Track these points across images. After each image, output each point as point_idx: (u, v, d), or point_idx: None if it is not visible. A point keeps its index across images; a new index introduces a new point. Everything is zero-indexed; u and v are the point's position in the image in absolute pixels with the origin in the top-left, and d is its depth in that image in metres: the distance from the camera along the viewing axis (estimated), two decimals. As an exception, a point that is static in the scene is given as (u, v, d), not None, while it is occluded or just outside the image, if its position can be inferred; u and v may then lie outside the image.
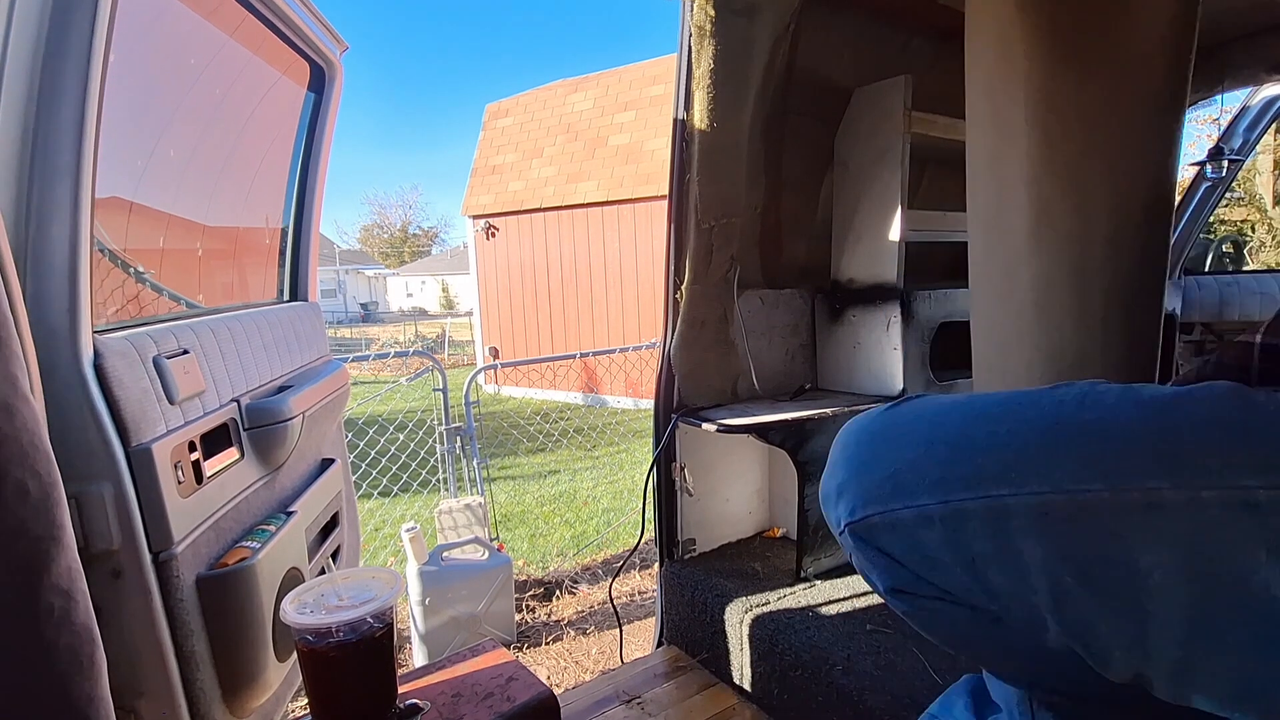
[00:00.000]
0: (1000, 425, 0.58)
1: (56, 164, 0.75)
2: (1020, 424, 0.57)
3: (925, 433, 0.63)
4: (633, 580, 2.82)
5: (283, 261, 1.51)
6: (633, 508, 4.00)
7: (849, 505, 0.65)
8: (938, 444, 0.61)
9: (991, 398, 0.62)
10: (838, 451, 0.69)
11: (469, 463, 3.12)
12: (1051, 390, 0.58)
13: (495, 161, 9.28)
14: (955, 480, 0.57)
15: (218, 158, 1.25)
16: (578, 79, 8.74)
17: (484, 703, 0.85)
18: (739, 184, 1.60)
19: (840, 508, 0.66)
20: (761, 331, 1.79)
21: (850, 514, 0.64)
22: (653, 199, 7.50)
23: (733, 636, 1.43)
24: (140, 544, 0.81)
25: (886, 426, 0.67)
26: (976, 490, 0.55)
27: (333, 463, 1.41)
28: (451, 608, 2.15)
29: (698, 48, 1.45)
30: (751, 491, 1.88)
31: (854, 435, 0.69)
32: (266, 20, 1.22)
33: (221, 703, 0.94)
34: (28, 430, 0.48)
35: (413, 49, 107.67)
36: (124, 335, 0.86)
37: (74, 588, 0.51)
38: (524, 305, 9.22)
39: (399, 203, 52.55)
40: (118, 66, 0.82)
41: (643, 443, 5.54)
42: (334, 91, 1.48)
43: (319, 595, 0.78)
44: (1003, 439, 0.57)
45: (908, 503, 0.59)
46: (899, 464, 0.62)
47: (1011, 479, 0.54)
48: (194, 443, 0.92)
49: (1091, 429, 0.53)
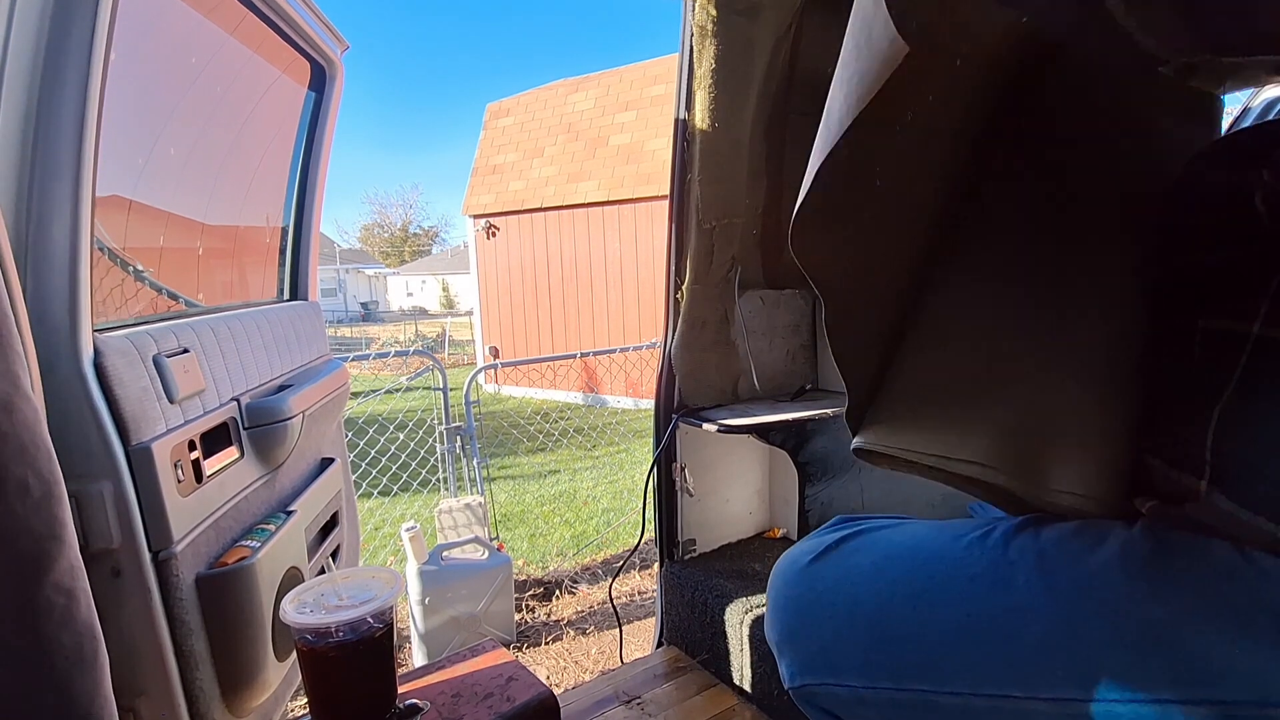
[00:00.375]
0: (915, 613, 0.58)
1: (57, 162, 0.75)
2: (933, 611, 0.56)
3: (845, 608, 0.63)
4: (633, 580, 2.82)
5: (283, 260, 1.50)
6: (633, 508, 4.00)
7: (789, 669, 0.66)
8: (859, 624, 0.61)
9: (907, 562, 0.61)
10: (771, 601, 0.71)
11: (469, 462, 3.12)
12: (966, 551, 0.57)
13: (496, 161, 9.28)
14: (879, 668, 0.58)
15: (218, 156, 1.25)
16: (579, 78, 8.74)
17: (484, 703, 0.85)
18: (740, 184, 1.60)
19: (782, 666, 0.67)
20: (762, 332, 1.79)
21: (791, 679, 0.66)
22: (653, 199, 7.50)
23: (733, 637, 1.42)
24: (140, 543, 0.81)
25: (809, 591, 0.67)
26: (901, 682, 0.56)
27: (332, 462, 1.40)
28: (451, 607, 2.15)
29: (699, 47, 1.45)
30: (752, 492, 1.88)
31: (783, 592, 0.70)
32: (267, 19, 1.22)
33: (221, 702, 0.94)
34: (28, 428, 0.48)
35: (413, 48, 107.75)
36: (124, 334, 0.86)
37: (76, 586, 0.51)
38: (524, 305, 9.21)
39: (399, 202, 52.62)
40: (118, 65, 0.82)
41: (643, 443, 5.54)
42: (335, 90, 1.48)
43: (319, 595, 0.78)
44: (917, 632, 0.57)
45: (841, 681, 0.61)
46: (827, 637, 0.63)
47: (932, 676, 0.55)
48: (194, 441, 0.92)
49: (1002, 622, 0.51)
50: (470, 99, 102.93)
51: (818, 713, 0.65)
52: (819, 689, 0.63)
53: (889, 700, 0.57)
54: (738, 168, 1.57)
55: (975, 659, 0.52)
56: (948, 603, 0.55)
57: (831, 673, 0.62)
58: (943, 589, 0.56)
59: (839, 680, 0.61)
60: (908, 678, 0.56)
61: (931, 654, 0.55)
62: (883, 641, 0.58)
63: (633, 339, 7.76)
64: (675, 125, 1.52)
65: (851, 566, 0.65)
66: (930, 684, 0.54)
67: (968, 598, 0.54)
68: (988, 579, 0.54)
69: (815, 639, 0.64)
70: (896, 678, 0.56)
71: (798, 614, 0.67)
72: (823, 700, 0.64)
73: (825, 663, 0.62)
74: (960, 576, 0.56)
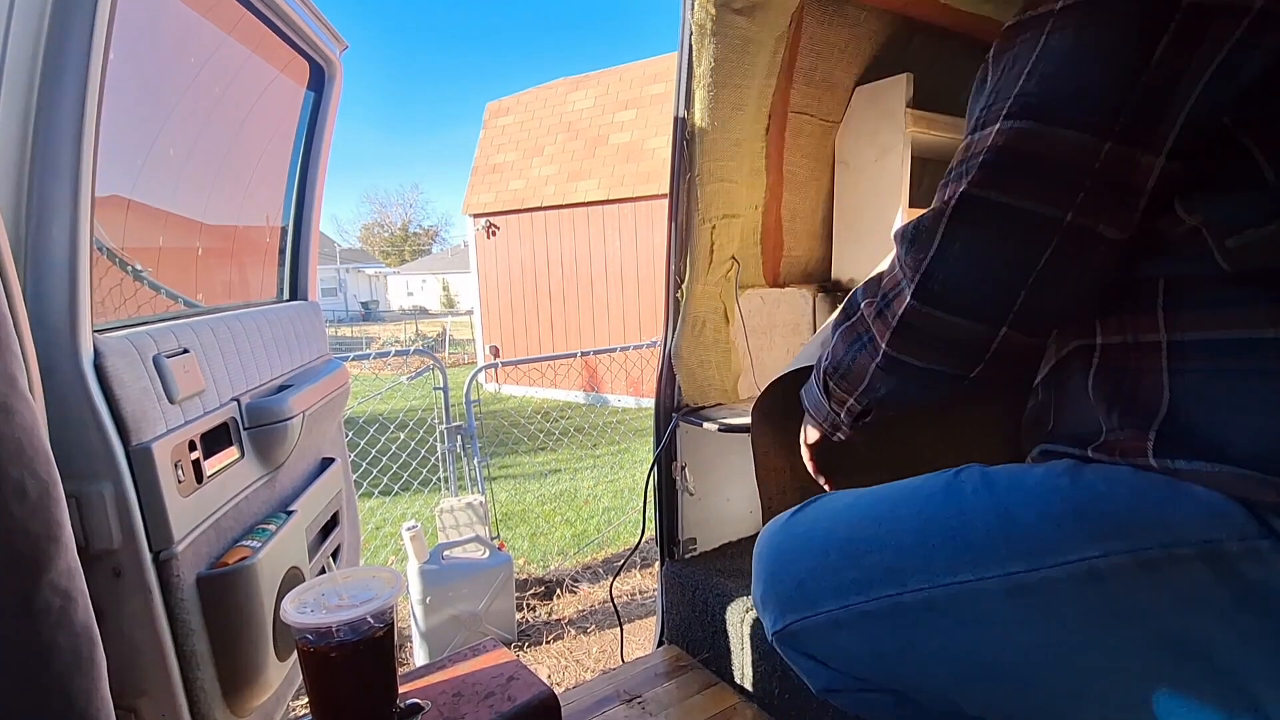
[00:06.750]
0: (880, 526, 0.65)
1: (56, 162, 0.75)
2: (896, 523, 0.64)
3: (821, 540, 0.69)
4: (633, 579, 2.82)
5: (283, 260, 1.50)
6: (633, 507, 4.00)
7: (771, 617, 0.71)
8: (832, 550, 0.67)
9: (876, 495, 0.68)
10: (755, 564, 0.76)
11: (470, 461, 3.12)
12: (924, 481, 0.65)
13: (496, 160, 9.27)
14: (850, 584, 0.64)
15: (217, 156, 1.25)
16: (578, 77, 8.73)
17: (485, 702, 0.85)
18: (740, 182, 1.60)
19: (766, 619, 0.72)
20: (763, 330, 1.79)
21: (774, 624, 0.71)
22: (653, 197, 7.50)
23: (734, 636, 1.42)
24: (140, 543, 0.81)
25: (789, 537, 0.73)
26: (869, 593, 0.62)
27: (333, 462, 1.40)
28: (452, 606, 2.15)
29: (698, 46, 1.44)
30: (752, 491, 1.87)
31: (765, 547, 0.76)
32: (266, 19, 1.21)
33: (222, 702, 0.94)
34: (26, 430, 0.48)
35: (413, 47, 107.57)
36: (124, 334, 0.86)
37: (73, 587, 0.51)
38: (524, 304, 9.21)
39: (399, 201, 52.67)
40: (117, 65, 0.82)
41: (643, 442, 5.54)
42: (334, 90, 1.48)
43: (319, 594, 0.78)
44: (882, 540, 0.63)
45: (816, 609, 0.66)
46: (803, 572, 0.69)
47: (896, 579, 0.61)
48: (194, 442, 0.92)
49: (954, 522, 0.59)
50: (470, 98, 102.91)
51: (797, 655, 0.71)
52: (797, 626, 0.68)
53: (860, 614, 0.63)
54: (738, 166, 1.57)
55: (933, 555, 0.59)
56: (908, 516, 0.63)
57: (808, 604, 0.67)
58: (905, 506, 0.64)
59: (815, 609, 0.66)
60: (876, 585, 0.62)
61: (895, 560, 0.61)
62: (853, 557, 0.65)
63: (633, 337, 7.75)
64: (675, 124, 1.52)
65: (825, 509, 0.72)
66: (895, 587, 0.60)
67: (925, 510, 0.62)
68: (941, 495, 0.62)
69: (793, 576, 0.69)
70: (865, 589, 0.62)
71: (777, 558, 0.72)
72: (801, 638, 0.69)
73: (802, 597, 0.68)
74: (918, 496, 0.64)
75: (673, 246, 1.56)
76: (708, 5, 1.39)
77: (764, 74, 1.54)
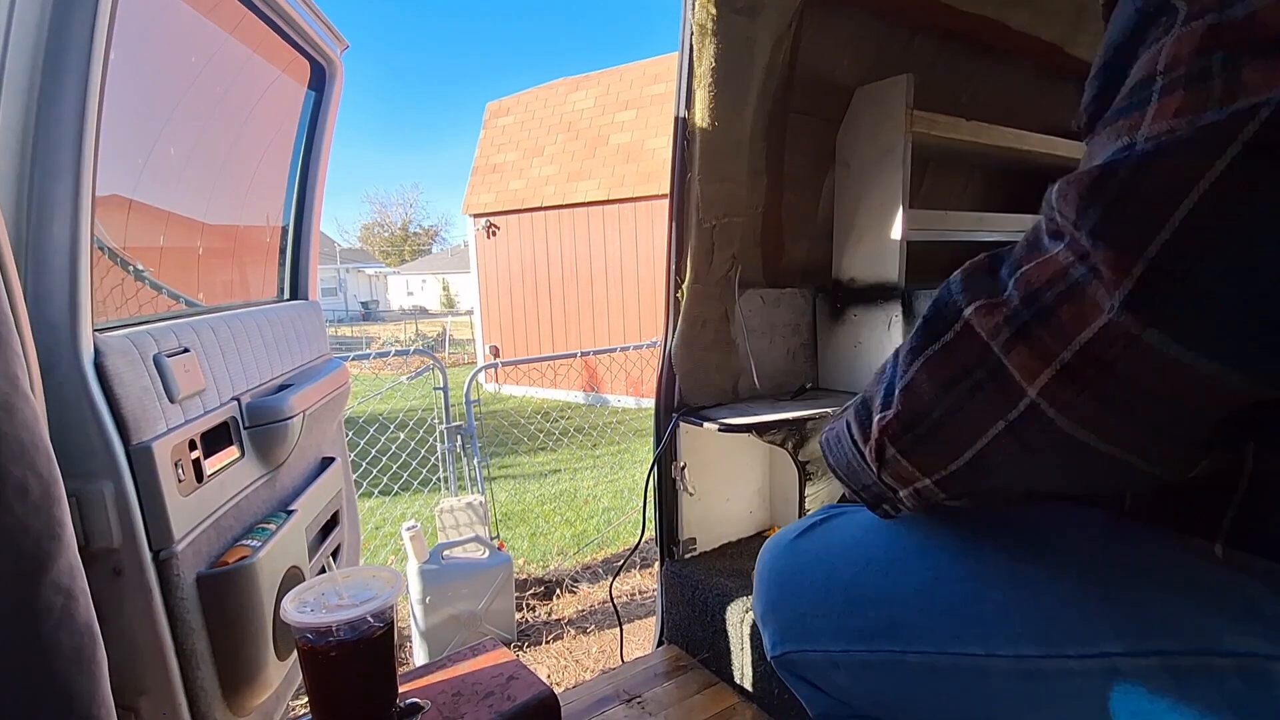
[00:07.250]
0: (886, 579, 0.61)
1: (57, 162, 0.75)
2: (903, 577, 0.60)
3: (823, 578, 0.66)
4: (633, 579, 2.82)
5: (283, 260, 1.50)
6: (633, 506, 4.00)
7: (771, 639, 0.70)
8: (835, 591, 0.64)
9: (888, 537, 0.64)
10: (758, 578, 0.74)
11: (470, 461, 3.12)
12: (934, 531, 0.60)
13: (496, 160, 9.28)
14: (851, 631, 0.62)
15: (218, 156, 1.25)
16: (579, 77, 8.73)
17: (484, 702, 0.85)
18: (740, 183, 1.60)
19: (766, 636, 0.71)
20: (762, 331, 1.79)
21: (773, 648, 0.69)
22: (654, 198, 7.50)
23: (733, 636, 1.42)
24: (141, 542, 0.81)
25: (794, 561, 0.71)
26: (871, 644, 0.60)
27: (333, 461, 1.40)
28: (452, 606, 2.15)
29: (699, 46, 1.44)
30: (752, 491, 1.88)
31: (769, 563, 0.74)
32: (267, 18, 1.22)
33: (222, 701, 0.94)
34: (27, 428, 0.48)
35: (414, 47, 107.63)
36: (124, 333, 0.86)
37: (74, 586, 0.51)
38: (525, 304, 9.21)
39: (400, 201, 52.66)
40: (118, 64, 0.82)
41: (644, 442, 5.54)
42: (334, 90, 1.48)
43: (319, 594, 0.78)
44: (889, 592, 0.60)
45: (815, 646, 0.65)
46: (805, 605, 0.67)
47: (900, 637, 0.58)
48: (194, 441, 0.92)
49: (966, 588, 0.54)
50: (471, 97, 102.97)
51: (795, 680, 0.69)
52: (796, 656, 0.67)
53: (860, 662, 0.60)
54: (738, 166, 1.57)
55: (940, 620, 0.54)
56: (917, 569, 0.58)
57: (808, 639, 0.65)
58: (914, 556, 0.59)
59: (814, 646, 0.64)
60: (878, 639, 0.58)
61: (900, 616, 0.57)
62: (855, 605, 0.61)
63: (633, 338, 7.75)
64: (675, 124, 1.52)
65: (832, 540, 0.69)
66: (898, 645, 0.57)
67: (936, 564, 0.57)
68: (955, 548, 0.56)
69: (794, 608, 0.67)
70: (867, 639, 0.59)
71: (780, 585, 0.70)
72: (800, 667, 0.67)
73: (802, 630, 0.66)
74: (931, 545, 0.59)
75: (673, 246, 1.57)
76: (708, 5, 1.39)
77: (764, 74, 1.54)
